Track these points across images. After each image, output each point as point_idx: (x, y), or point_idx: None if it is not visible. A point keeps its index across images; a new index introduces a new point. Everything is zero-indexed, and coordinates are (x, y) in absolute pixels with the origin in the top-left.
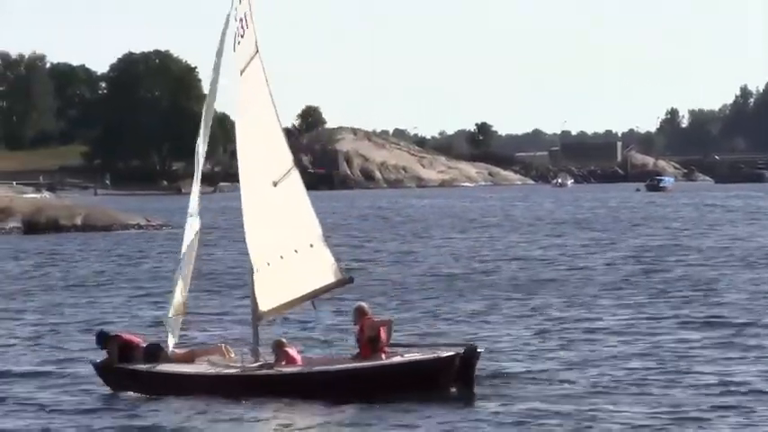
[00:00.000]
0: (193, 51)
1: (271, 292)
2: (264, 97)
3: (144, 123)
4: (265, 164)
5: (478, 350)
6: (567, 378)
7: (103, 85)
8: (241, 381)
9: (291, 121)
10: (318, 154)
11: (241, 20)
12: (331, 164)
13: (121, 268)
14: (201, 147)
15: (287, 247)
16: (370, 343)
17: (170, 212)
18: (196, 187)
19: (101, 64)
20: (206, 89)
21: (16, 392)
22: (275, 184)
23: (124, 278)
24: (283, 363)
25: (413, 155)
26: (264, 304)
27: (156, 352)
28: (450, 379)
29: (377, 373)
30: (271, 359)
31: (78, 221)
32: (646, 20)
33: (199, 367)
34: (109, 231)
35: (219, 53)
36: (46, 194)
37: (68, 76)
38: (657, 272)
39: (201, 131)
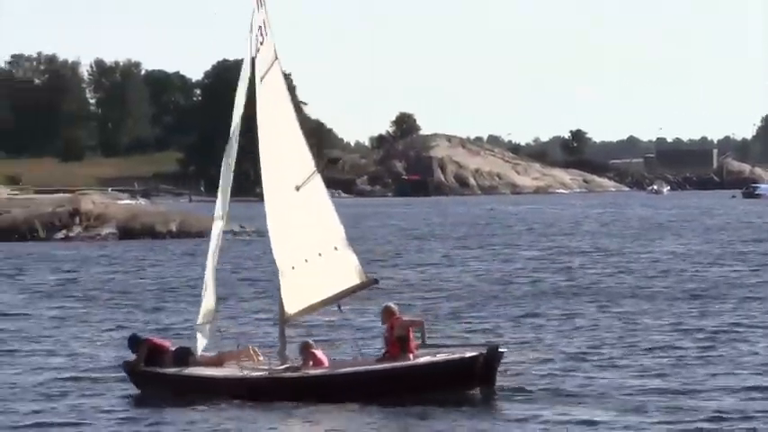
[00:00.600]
0: (286, 59)
1: (297, 294)
2: (285, 103)
3: None
4: (288, 169)
5: (500, 350)
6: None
7: (198, 92)
8: (267, 383)
9: (386, 127)
10: (413, 161)
11: (260, 27)
12: (425, 170)
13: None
14: (232, 151)
15: (312, 250)
16: (399, 342)
17: (264, 219)
18: (223, 194)
19: (195, 71)
20: (300, 96)
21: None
22: (298, 189)
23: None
24: (310, 364)
25: (507, 161)
26: (291, 307)
27: (184, 356)
28: (474, 379)
29: (402, 373)
30: (298, 362)
31: (173, 227)
32: (740, 27)
33: (223, 370)
34: (203, 237)
35: (245, 62)
36: (141, 201)
37: (163, 84)
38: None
39: (232, 135)
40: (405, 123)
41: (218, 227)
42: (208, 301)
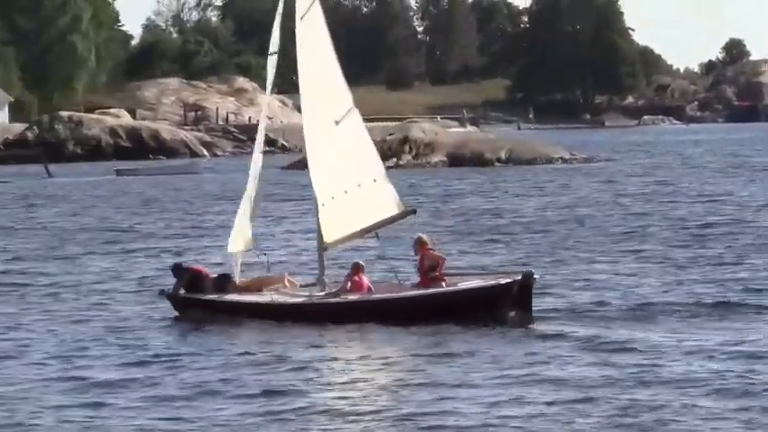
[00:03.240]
0: None
1: (336, 224)
2: (326, 39)
3: (566, 57)
4: (328, 103)
5: (535, 276)
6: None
7: (525, 19)
8: (306, 308)
9: (715, 54)
10: (743, 87)
11: None
12: (755, 96)
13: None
14: (270, 76)
15: (351, 182)
16: (430, 272)
17: (593, 146)
18: (263, 123)
19: None
20: (628, 22)
21: None
22: (337, 123)
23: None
24: (348, 287)
25: None
26: (329, 236)
27: (224, 283)
28: (509, 304)
29: (440, 300)
30: (337, 288)
31: (502, 155)
32: None
33: (261, 296)
34: (532, 165)
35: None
36: (470, 128)
37: (490, 11)
38: None
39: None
40: (735, 49)
41: (255, 159)
42: (243, 227)
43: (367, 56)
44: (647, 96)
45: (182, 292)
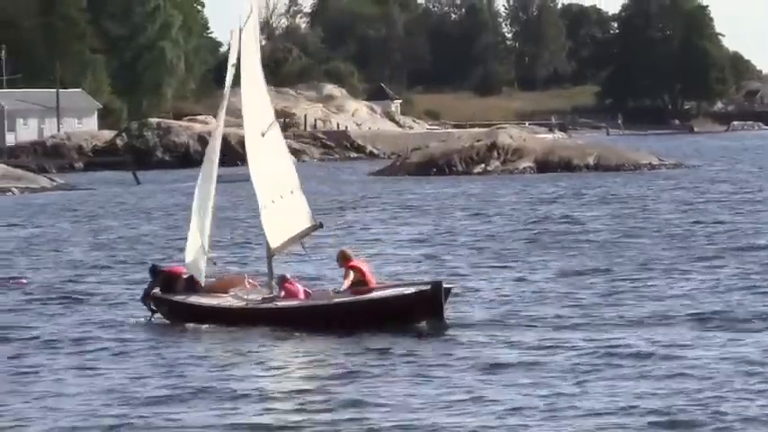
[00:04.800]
0: None
1: (277, 228)
2: (256, 54)
3: (655, 62)
4: (257, 115)
5: (445, 286)
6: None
7: (615, 25)
8: (243, 313)
9: None
10: None
11: None
12: None
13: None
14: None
15: (280, 190)
16: (353, 286)
17: (683, 152)
18: (220, 123)
19: (612, 4)
20: (718, 28)
21: None
22: (263, 135)
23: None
24: (282, 295)
25: None
26: (274, 241)
27: (193, 283)
28: (418, 314)
29: (352, 307)
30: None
31: (590, 161)
32: None
33: (211, 299)
34: (620, 171)
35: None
36: (558, 134)
37: (580, 17)
38: None
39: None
40: None
41: (206, 164)
42: (194, 235)
43: (456, 62)
44: (736, 102)
45: (155, 291)
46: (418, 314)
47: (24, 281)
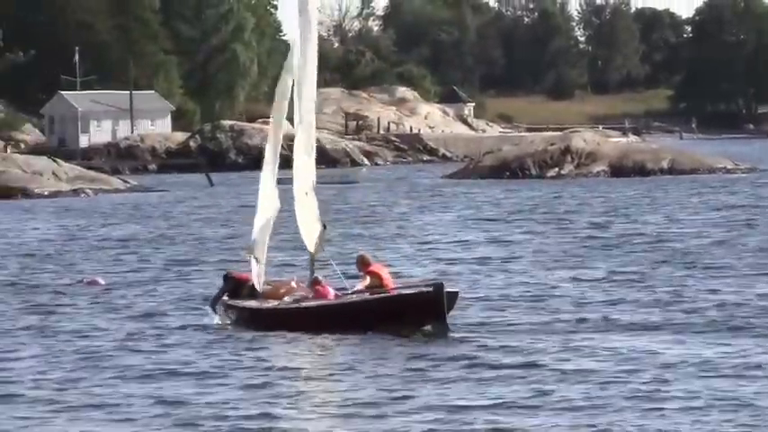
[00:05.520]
0: None
1: (307, 227)
2: (315, 36)
3: (729, 67)
4: (305, 103)
5: (446, 289)
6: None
7: (688, 28)
8: (275, 314)
9: None
10: None
11: None
12: None
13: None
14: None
15: (306, 186)
16: (369, 290)
17: (757, 156)
18: (279, 132)
19: (685, 8)
20: None
21: None
22: (301, 123)
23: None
24: (310, 296)
25: None
26: (309, 244)
27: (254, 289)
28: (419, 315)
29: (356, 308)
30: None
31: (665, 165)
32: None
33: (261, 302)
34: (694, 175)
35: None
36: (632, 138)
37: (653, 21)
38: None
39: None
40: None
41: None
42: (258, 237)
43: (528, 66)
44: None
45: (225, 298)
46: (419, 316)
47: (102, 282)
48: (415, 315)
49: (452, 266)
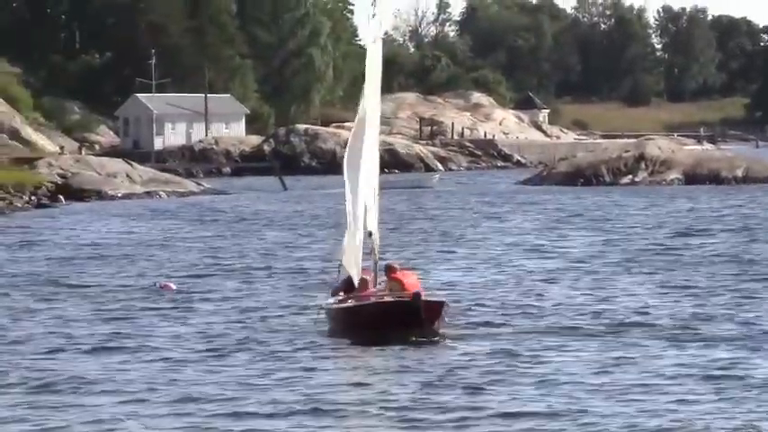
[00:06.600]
0: None
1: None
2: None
3: None
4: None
5: (423, 298)
6: None
7: (765, 36)
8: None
9: None
10: None
11: None
12: None
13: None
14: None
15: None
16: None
17: None
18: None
19: (763, 16)
20: None
21: None
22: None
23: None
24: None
25: None
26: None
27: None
28: (398, 323)
29: (353, 311)
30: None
31: (739, 173)
32: None
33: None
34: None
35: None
36: (707, 146)
37: (730, 29)
38: None
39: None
40: None
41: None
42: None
43: (604, 73)
44: None
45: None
46: (395, 324)
47: (173, 287)
48: (394, 322)
49: (510, 275)
